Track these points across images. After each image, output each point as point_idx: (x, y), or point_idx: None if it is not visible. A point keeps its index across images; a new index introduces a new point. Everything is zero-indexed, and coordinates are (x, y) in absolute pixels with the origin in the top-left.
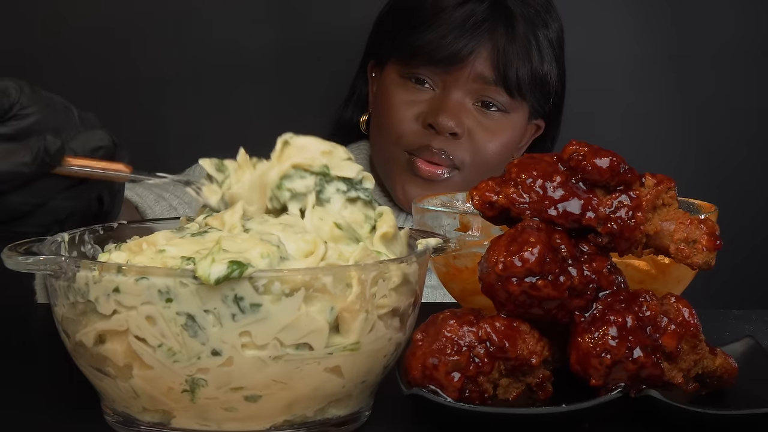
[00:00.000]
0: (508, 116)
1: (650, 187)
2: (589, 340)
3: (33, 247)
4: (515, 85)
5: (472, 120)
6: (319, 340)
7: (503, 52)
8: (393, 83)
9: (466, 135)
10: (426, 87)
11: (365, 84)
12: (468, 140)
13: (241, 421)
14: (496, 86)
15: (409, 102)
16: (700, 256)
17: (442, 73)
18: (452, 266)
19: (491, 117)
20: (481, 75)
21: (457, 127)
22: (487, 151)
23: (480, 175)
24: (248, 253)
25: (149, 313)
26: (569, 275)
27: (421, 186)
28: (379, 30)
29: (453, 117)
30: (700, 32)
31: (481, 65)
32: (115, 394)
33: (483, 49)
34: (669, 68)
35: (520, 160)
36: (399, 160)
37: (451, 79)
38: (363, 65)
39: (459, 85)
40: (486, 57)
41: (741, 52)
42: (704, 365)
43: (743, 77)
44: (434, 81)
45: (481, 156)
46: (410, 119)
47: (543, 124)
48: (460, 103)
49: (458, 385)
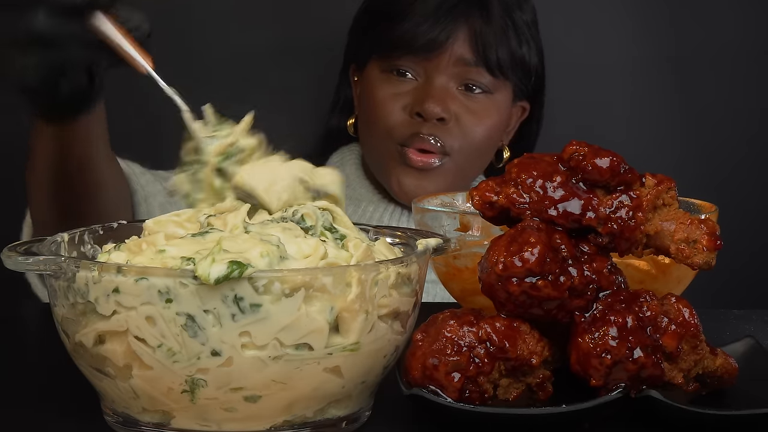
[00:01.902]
0: (492, 97)
1: (650, 187)
2: (589, 341)
3: (33, 247)
4: (496, 65)
5: (457, 104)
6: (319, 340)
7: (480, 33)
8: (376, 79)
9: (453, 120)
10: (409, 78)
11: (349, 88)
12: (456, 125)
13: (241, 421)
14: (478, 67)
15: (394, 95)
16: (701, 256)
17: (422, 61)
18: (452, 266)
19: (476, 99)
20: (462, 58)
21: (443, 112)
22: (476, 135)
23: (470, 160)
24: (248, 253)
25: (149, 313)
26: (569, 275)
27: (415, 176)
28: (356, 30)
29: (439, 103)
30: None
31: (461, 48)
32: (114, 395)
33: (460, 32)
34: (669, 69)
35: (521, 160)
36: (391, 154)
37: (432, 65)
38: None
39: (441, 71)
40: (464, 40)
41: (740, 53)
42: (704, 365)
43: (743, 77)
44: (416, 70)
45: (469, 140)
46: (397, 111)
47: (528, 106)
48: (444, 88)
49: (458, 385)
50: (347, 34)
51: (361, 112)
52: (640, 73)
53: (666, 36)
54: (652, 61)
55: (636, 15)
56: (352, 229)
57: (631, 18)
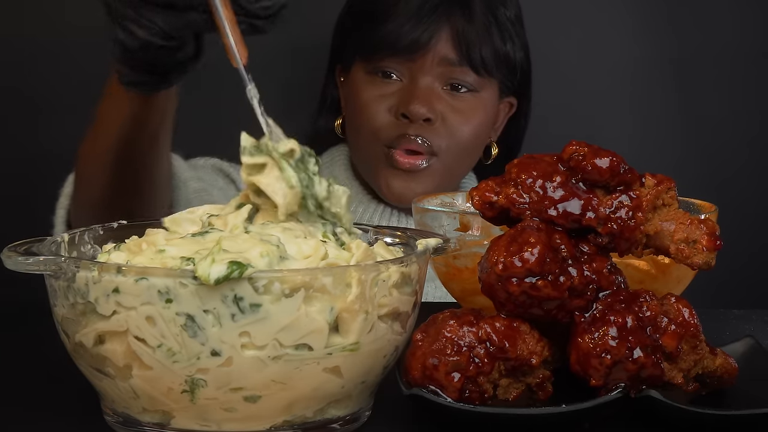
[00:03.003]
0: (478, 95)
1: (650, 187)
2: (589, 341)
3: (33, 248)
4: (480, 63)
5: (443, 104)
6: (319, 340)
7: (463, 32)
8: (361, 81)
9: (439, 120)
10: (394, 79)
11: (335, 89)
12: (442, 125)
13: (241, 421)
14: (462, 67)
15: (379, 96)
16: (701, 256)
17: (406, 61)
18: (452, 266)
19: (462, 99)
20: (446, 58)
21: (429, 112)
22: (463, 134)
23: (458, 159)
24: (248, 253)
25: (149, 313)
26: (569, 275)
27: (402, 178)
28: (341, 32)
29: (424, 103)
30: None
31: (444, 48)
32: (115, 395)
33: (443, 32)
34: (669, 69)
35: (521, 160)
36: (378, 156)
37: (417, 66)
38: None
39: (425, 71)
40: (447, 39)
41: (741, 54)
42: (704, 365)
43: (743, 78)
44: (400, 71)
45: (456, 139)
46: (383, 113)
47: (515, 101)
48: (429, 88)
49: (458, 385)
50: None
51: (347, 114)
52: (641, 73)
53: (667, 37)
54: (653, 62)
55: (637, 16)
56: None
57: (632, 19)
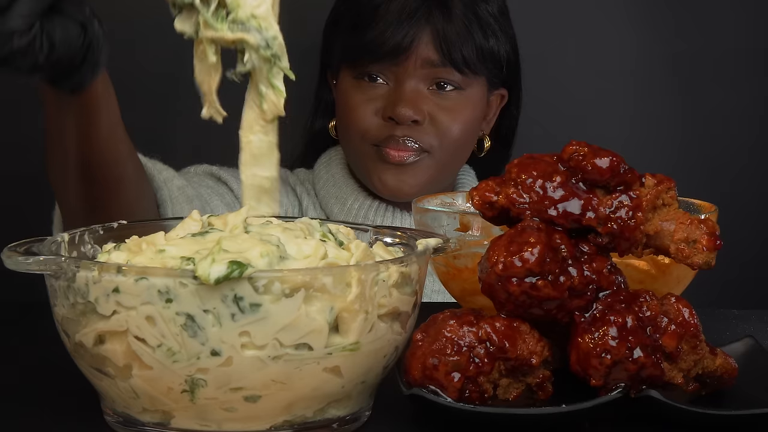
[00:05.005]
0: (464, 93)
1: (650, 187)
2: (589, 341)
3: (33, 248)
4: (462, 62)
5: (430, 105)
6: (319, 340)
7: (443, 32)
8: (349, 86)
9: (427, 120)
10: (380, 82)
11: (329, 92)
12: (431, 125)
13: (241, 421)
14: (445, 67)
15: (367, 100)
16: (701, 256)
17: (390, 66)
18: (452, 266)
19: (448, 97)
20: (428, 59)
21: (416, 114)
22: (452, 132)
23: (451, 155)
24: (248, 253)
25: (149, 313)
26: (569, 275)
27: (394, 172)
28: (327, 39)
29: (411, 106)
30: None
31: (426, 50)
32: (115, 395)
33: (424, 34)
34: (669, 69)
35: (520, 160)
36: (369, 154)
37: (401, 70)
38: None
39: (409, 74)
40: (428, 41)
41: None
42: (704, 365)
43: (744, 79)
44: (386, 75)
45: (447, 137)
46: (371, 116)
47: (506, 93)
48: (414, 90)
49: (458, 385)
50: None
51: (338, 117)
52: (641, 73)
53: (668, 37)
54: (653, 62)
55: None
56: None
57: (633, 19)
